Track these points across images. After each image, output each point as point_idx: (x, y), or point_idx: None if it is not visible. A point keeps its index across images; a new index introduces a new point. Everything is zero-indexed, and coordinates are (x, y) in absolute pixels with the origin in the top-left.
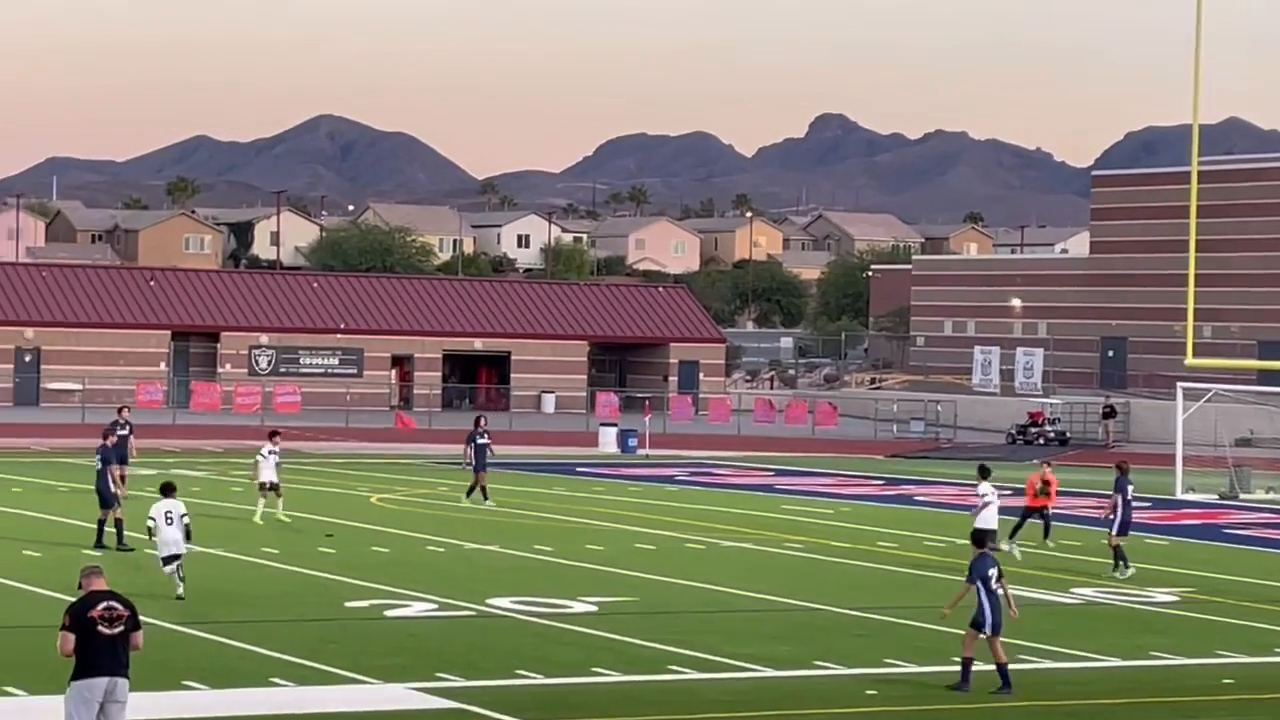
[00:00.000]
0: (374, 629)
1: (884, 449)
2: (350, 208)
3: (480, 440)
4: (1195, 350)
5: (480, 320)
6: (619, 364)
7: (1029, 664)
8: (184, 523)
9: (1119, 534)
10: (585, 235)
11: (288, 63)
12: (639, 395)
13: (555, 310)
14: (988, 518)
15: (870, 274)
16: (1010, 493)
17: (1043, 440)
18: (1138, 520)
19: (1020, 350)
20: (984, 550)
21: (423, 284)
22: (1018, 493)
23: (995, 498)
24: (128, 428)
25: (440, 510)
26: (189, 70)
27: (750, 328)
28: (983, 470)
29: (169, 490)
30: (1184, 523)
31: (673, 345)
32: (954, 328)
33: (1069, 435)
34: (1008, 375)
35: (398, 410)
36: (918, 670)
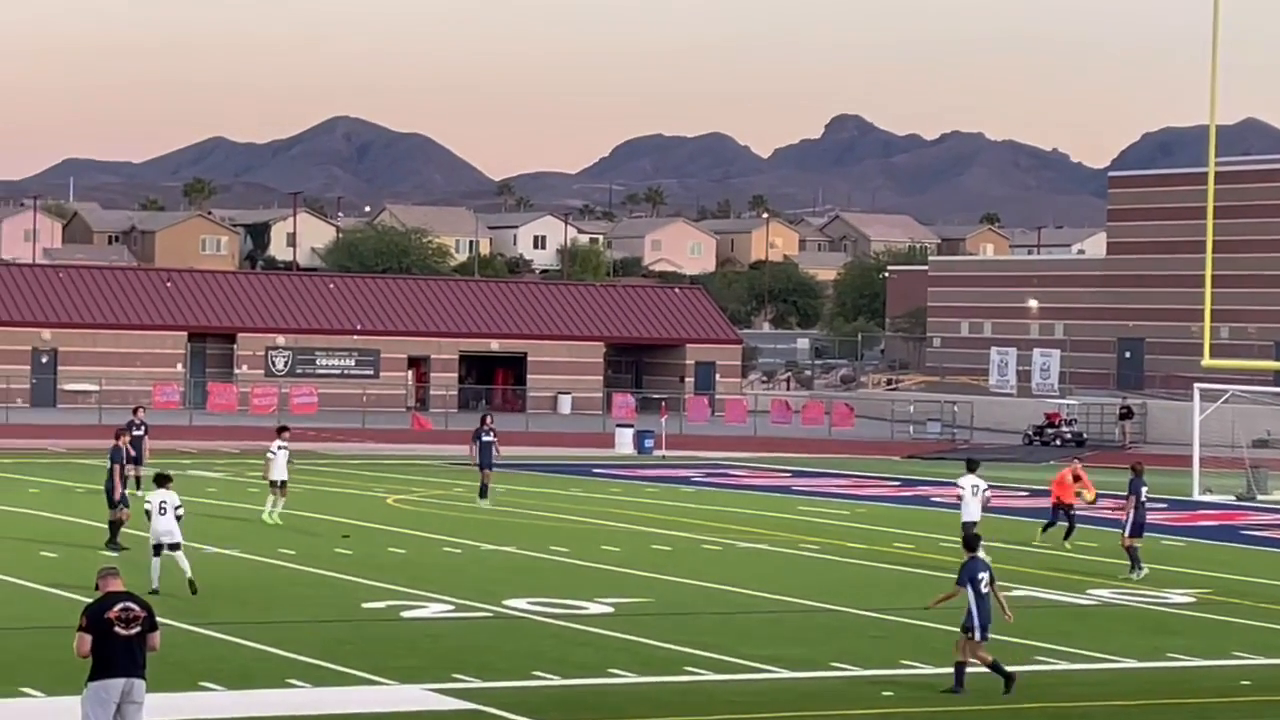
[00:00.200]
0: (390, 630)
1: (900, 450)
2: (366, 209)
3: (485, 438)
4: (1212, 351)
5: (496, 321)
6: (635, 365)
7: (1044, 665)
8: (176, 514)
9: (1133, 535)
10: (601, 236)
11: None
12: (655, 396)
13: (571, 311)
14: (971, 511)
15: (887, 275)
16: (1027, 494)
17: (1059, 441)
18: (1154, 522)
19: (1037, 351)
20: (975, 554)
21: (439, 285)
22: (1035, 494)
23: (976, 492)
24: (143, 428)
25: (456, 511)
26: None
27: (766, 329)
28: (970, 464)
29: (163, 481)
30: (1201, 524)
31: (689, 346)
32: (970, 328)
33: (1086, 436)
34: (1024, 376)
35: (414, 411)
36: (934, 672)
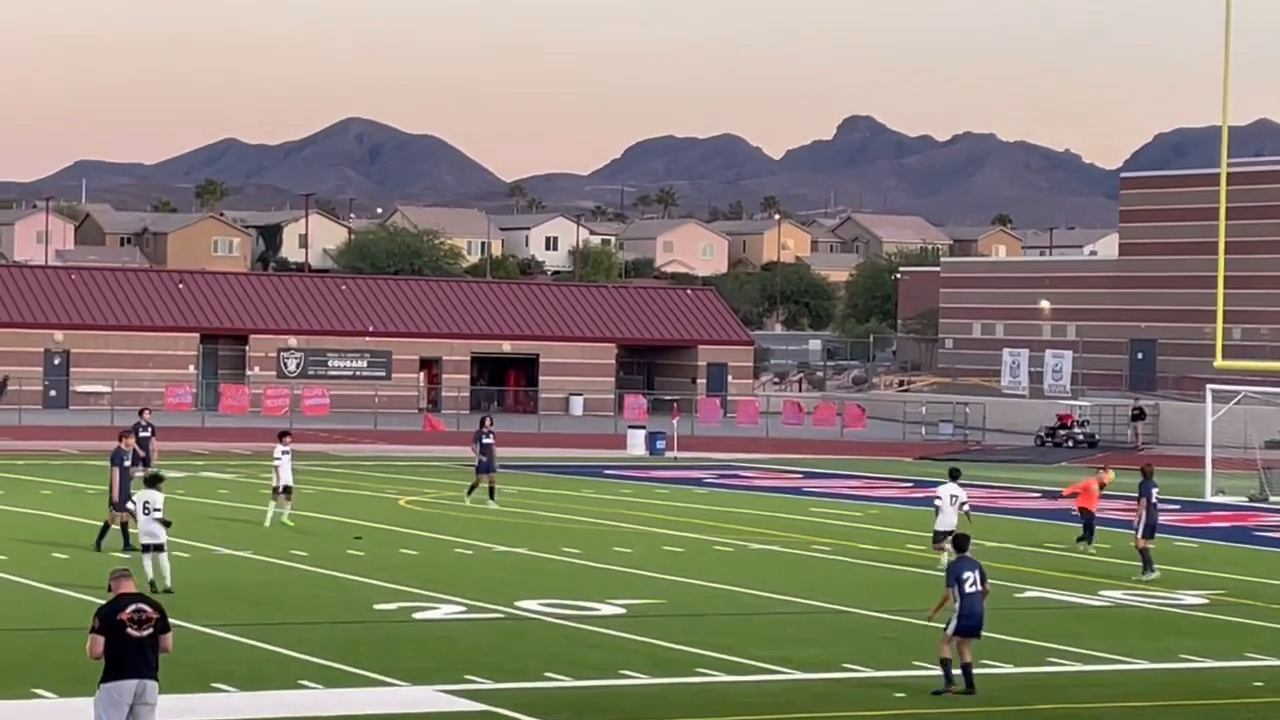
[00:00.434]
0: (402, 631)
1: (912, 451)
2: (378, 210)
3: (486, 440)
4: (1225, 352)
5: (508, 323)
6: (647, 366)
7: (1056, 666)
8: (156, 516)
9: (1145, 537)
10: (613, 238)
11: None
12: (667, 397)
13: (583, 313)
14: (946, 519)
15: (899, 276)
16: (1039, 495)
17: (1072, 442)
18: (1166, 523)
19: (1049, 352)
20: (964, 555)
21: (451, 286)
22: (1048, 495)
23: (954, 502)
24: (149, 429)
25: (468, 512)
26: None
27: (778, 330)
28: (952, 473)
29: (152, 482)
30: (1213, 525)
31: (701, 348)
32: (983, 330)
33: (1098, 437)
34: (1036, 377)
35: (426, 413)
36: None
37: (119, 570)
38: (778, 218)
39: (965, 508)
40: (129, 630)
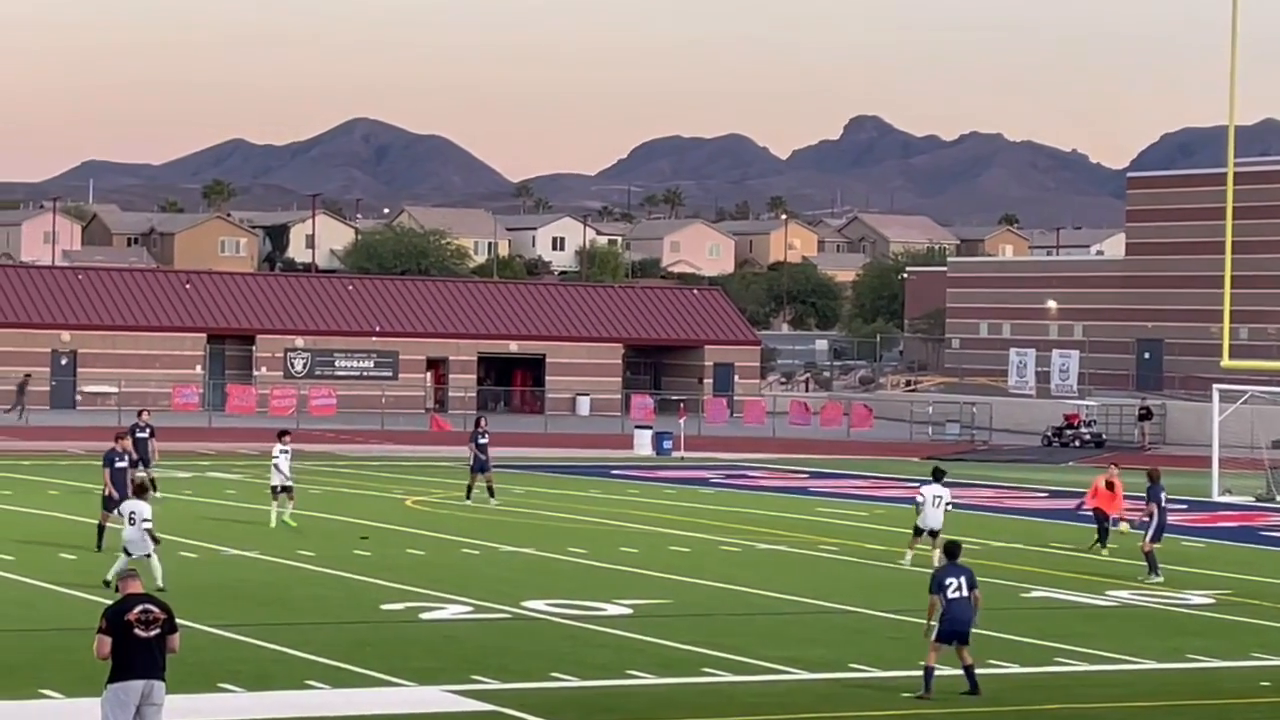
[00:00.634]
0: (409, 631)
1: (919, 451)
2: (385, 210)
3: (481, 440)
4: (1232, 352)
5: (515, 323)
6: (654, 366)
7: (1063, 666)
8: (144, 527)
9: (1154, 540)
10: (620, 238)
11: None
12: (674, 397)
13: (590, 313)
14: (928, 517)
15: (905, 276)
16: (1046, 495)
17: (1078, 442)
18: (1173, 523)
19: (1056, 352)
20: (952, 561)
21: (458, 287)
22: (1055, 495)
23: (938, 504)
24: (148, 430)
25: (474, 513)
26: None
27: (785, 330)
28: (936, 473)
29: (140, 491)
30: (1220, 525)
31: (708, 348)
32: (989, 330)
33: (1105, 437)
34: (1043, 377)
35: (433, 413)
36: (953, 673)
37: (126, 571)
38: (784, 218)
39: (948, 506)
40: (136, 631)
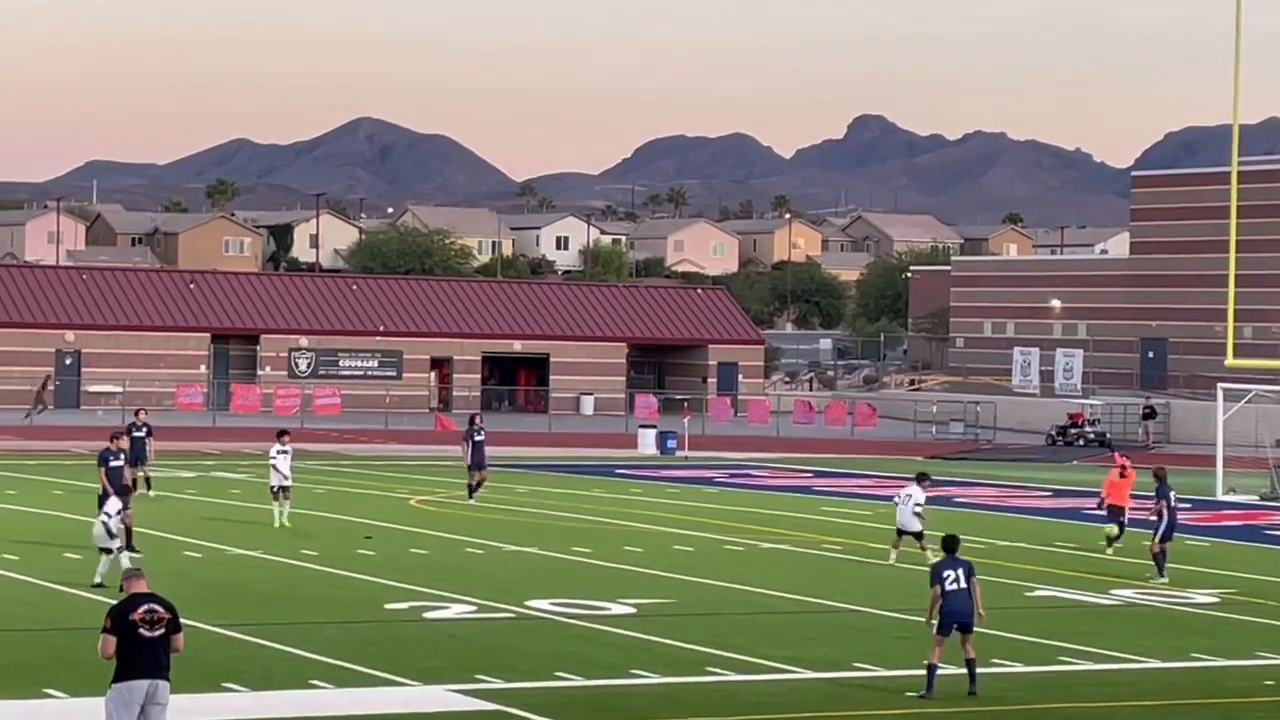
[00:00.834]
0: (413, 631)
1: (923, 450)
2: (389, 210)
3: (477, 438)
4: (1236, 351)
5: (519, 322)
6: (658, 366)
7: (1068, 665)
8: (100, 519)
9: (1164, 540)
10: (624, 237)
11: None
12: (678, 397)
13: (594, 312)
14: (899, 518)
15: (909, 275)
16: (1050, 494)
17: (1082, 441)
18: (1178, 522)
19: (1060, 351)
20: (950, 554)
21: (462, 286)
22: (1059, 494)
23: (905, 500)
24: (145, 429)
25: (478, 512)
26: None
27: (789, 329)
28: (919, 477)
29: (123, 492)
30: (1224, 524)
31: (711, 347)
32: (993, 329)
33: (1109, 436)
34: (1047, 376)
35: (437, 412)
36: (957, 672)
37: (131, 570)
38: (788, 217)
39: (918, 511)
40: (141, 630)
